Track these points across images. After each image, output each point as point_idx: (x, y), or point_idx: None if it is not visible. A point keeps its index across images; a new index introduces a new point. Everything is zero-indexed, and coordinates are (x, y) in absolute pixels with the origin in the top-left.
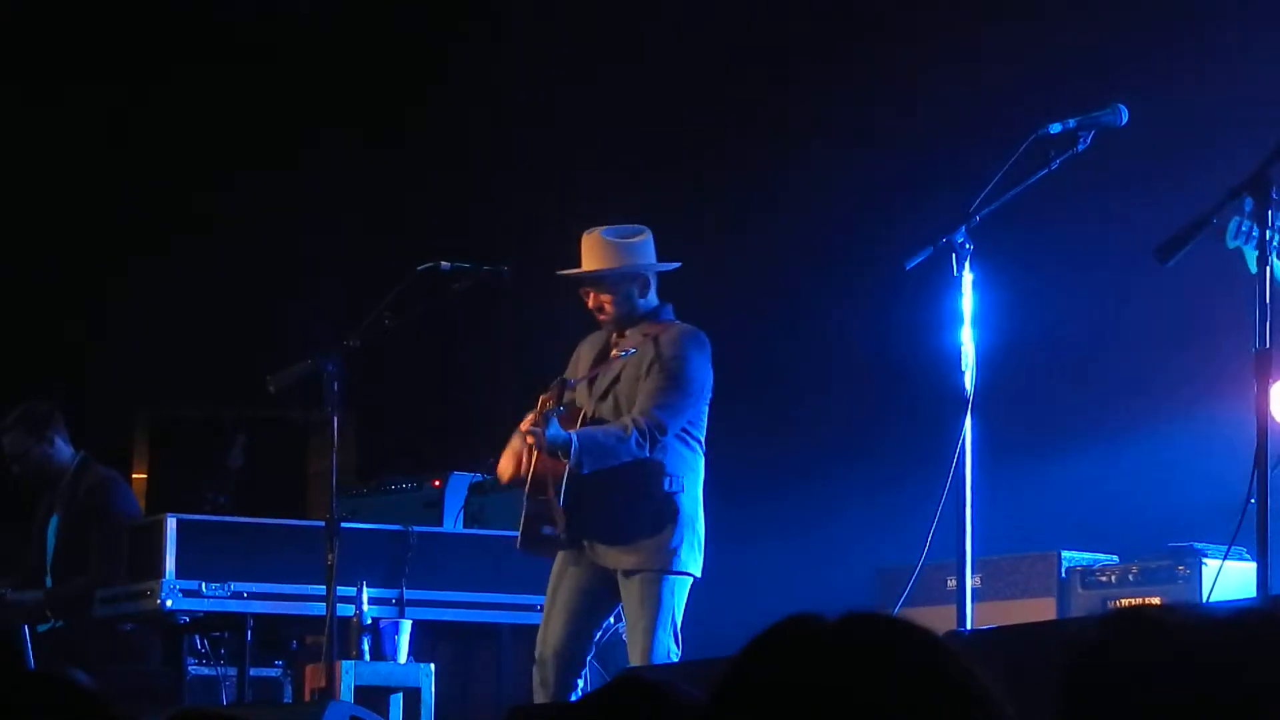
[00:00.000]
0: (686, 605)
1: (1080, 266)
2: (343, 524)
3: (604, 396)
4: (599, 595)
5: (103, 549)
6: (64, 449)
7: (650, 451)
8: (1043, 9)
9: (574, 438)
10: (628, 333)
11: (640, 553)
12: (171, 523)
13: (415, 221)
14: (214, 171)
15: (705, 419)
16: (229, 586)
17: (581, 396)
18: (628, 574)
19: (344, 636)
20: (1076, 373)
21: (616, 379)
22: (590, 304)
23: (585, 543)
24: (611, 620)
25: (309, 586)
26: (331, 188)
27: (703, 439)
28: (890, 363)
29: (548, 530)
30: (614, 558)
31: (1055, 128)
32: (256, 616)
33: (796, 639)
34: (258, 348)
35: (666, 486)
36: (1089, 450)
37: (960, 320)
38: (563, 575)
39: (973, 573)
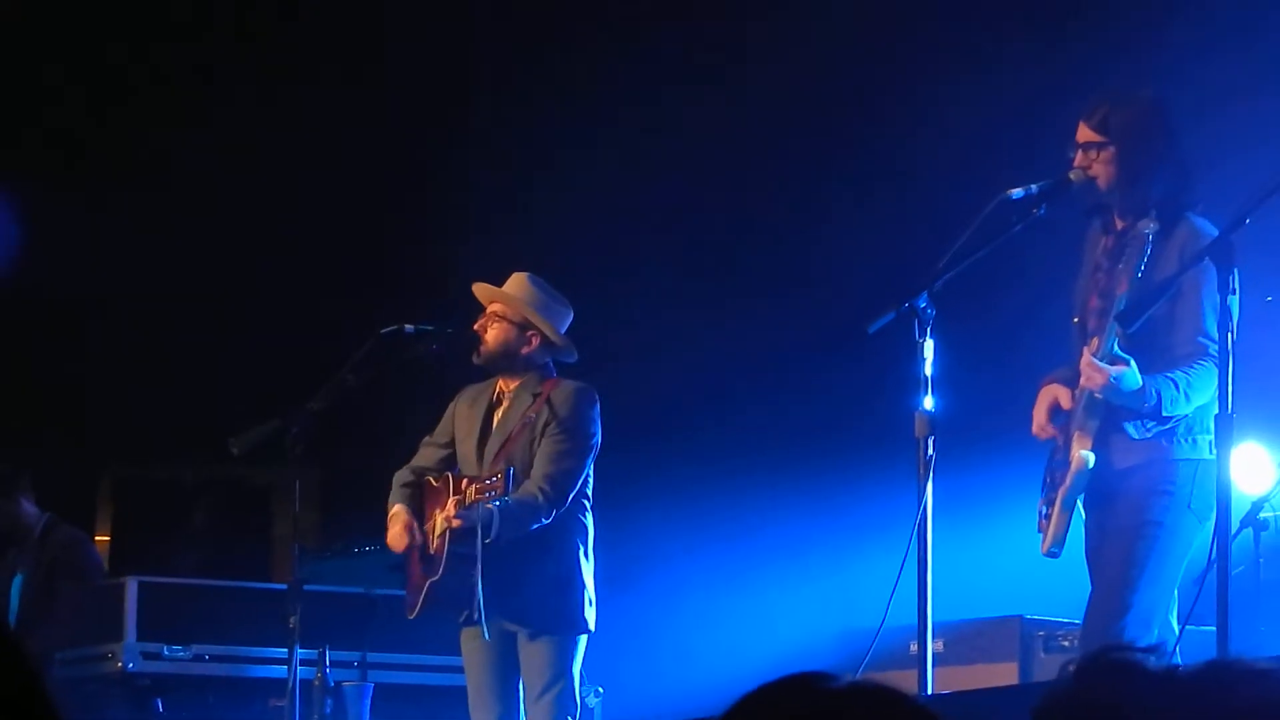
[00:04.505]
0: (655, 665)
1: (1043, 325)
2: (306, 587)
3: (496, 458)
4: (510, 663)
5: (71, 607)
6: (30, 508)
7: (553, 518)
8: (1012, 68)
9: (496, 513)
10: (515, 387)
11: (548, 616)
12: (133, 585)
13: (382, 281)
14: (179, 232)
15: (591, 475)
16: (191, 649)
17: (468, 459)
18: (533, 636)
19: (306, 699)
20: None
21: (511, 440)
22: (477, 324)
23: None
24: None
25: (271, 649)
26: (296, 245)
27: (590, 494)
28: (859, 424)
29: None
30: (522, 622)
31: (1018, 193)
32: (218, 679)
33: (799, 695)
34: (222, 409)
35: (565, 547)
36: None
37: (922, 383)
38: (476, 655)
39: (935, 637)
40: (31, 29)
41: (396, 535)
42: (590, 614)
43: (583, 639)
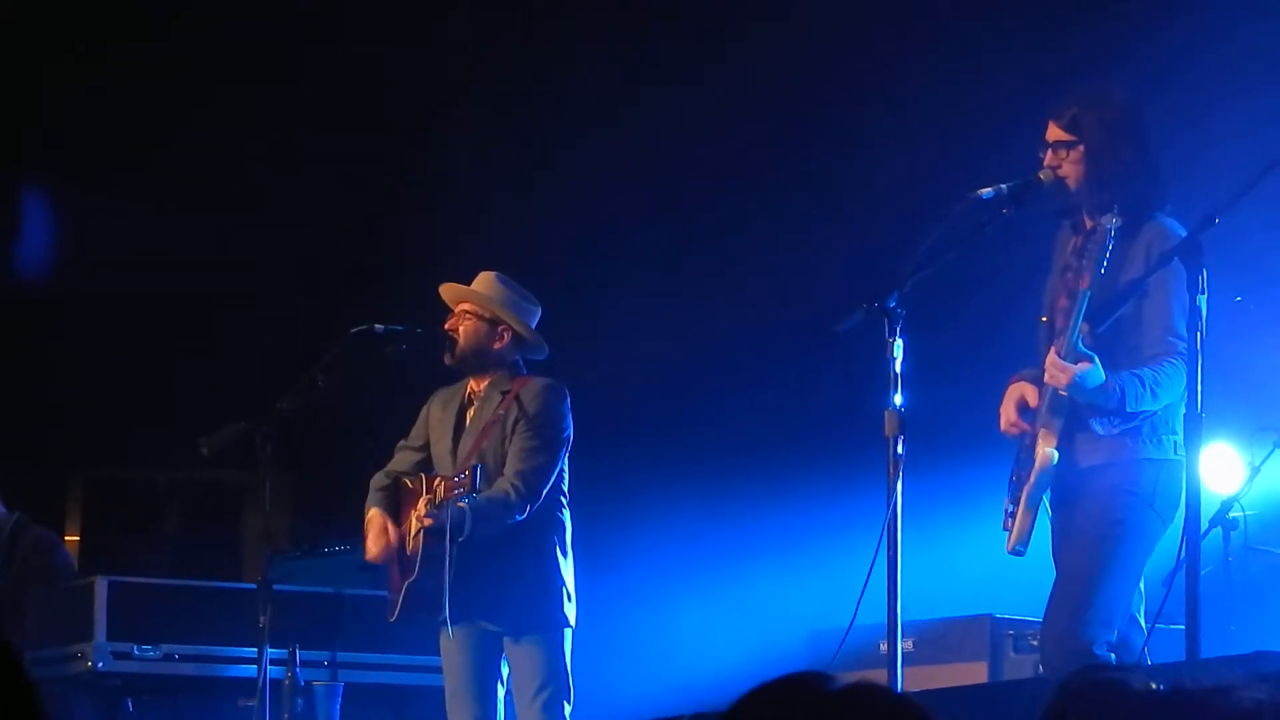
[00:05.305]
0: (626, 663)
1: (1013, 324)
2: (276, 586)
3: (468, 457)
4: (490, 664)
5: (43, 608)
6: None
7: (528, 515)
8: (986, 70)
9: (468, 511)
10: (484, 386)
11: (528, 615)
12: (103, 585)
13: (354, 282)
14: (151, 234)
15: (567, 471)
16: (161, 649)
17: (442, 460)
18: (518, 637)
19: (276, 699)
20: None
21: (482, 437)
22: (447, 324)
23: (472, 611)
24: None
25: (241, 649)
26: (269, 250)
27: (566, 490)
28: (829, 423)
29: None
30: (502, 622)
31: (988, 193)
32: (189, 679)
33: (800, 695)
34: (192, 409)
35: (542, 545)
36: None
37: (892, 382)
38: (456, 655)
39: (904, 636)
40: (31, 28)
41: (372, 541)
42: (570, 610)
43: (568, 633)
